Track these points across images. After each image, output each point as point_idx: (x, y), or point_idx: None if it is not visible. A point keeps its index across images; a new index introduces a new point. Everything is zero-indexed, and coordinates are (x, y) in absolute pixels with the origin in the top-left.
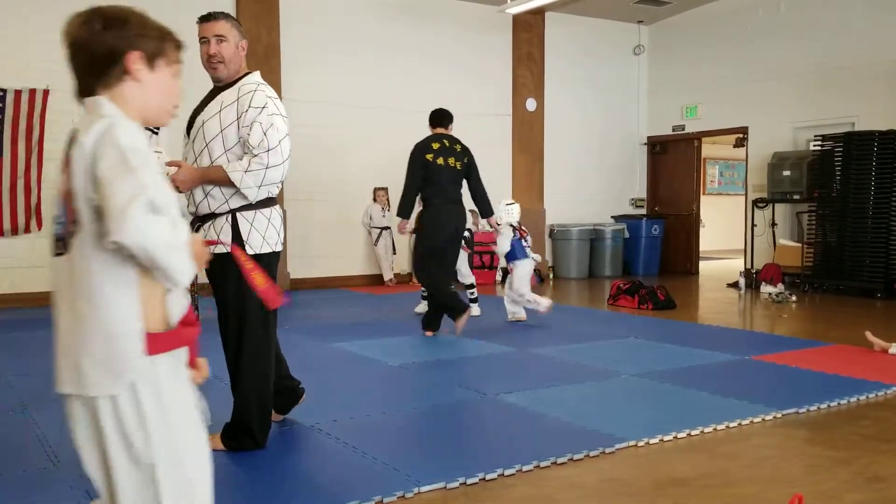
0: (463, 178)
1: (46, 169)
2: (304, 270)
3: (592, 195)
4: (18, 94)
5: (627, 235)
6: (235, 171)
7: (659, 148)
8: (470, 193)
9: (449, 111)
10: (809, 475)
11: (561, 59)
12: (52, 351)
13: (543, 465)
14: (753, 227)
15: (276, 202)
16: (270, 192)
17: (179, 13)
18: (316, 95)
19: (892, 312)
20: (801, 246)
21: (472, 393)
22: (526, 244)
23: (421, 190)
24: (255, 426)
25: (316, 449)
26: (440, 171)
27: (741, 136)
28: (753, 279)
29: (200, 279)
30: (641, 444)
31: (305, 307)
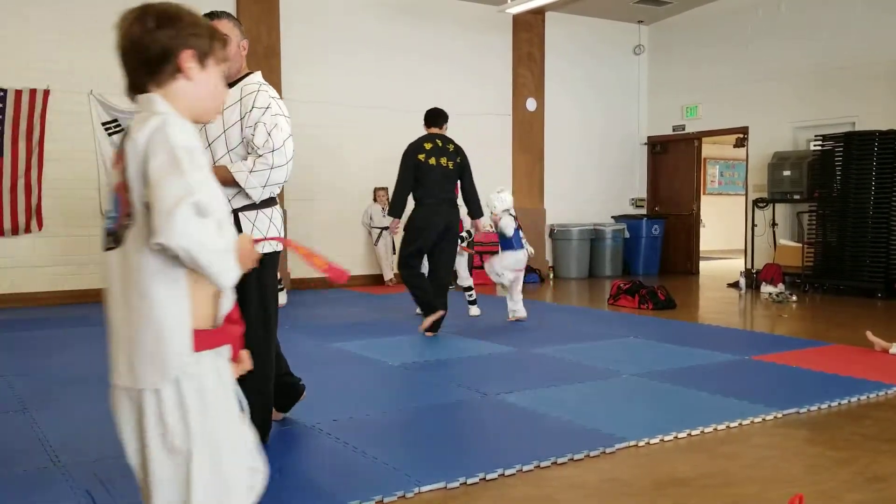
0: (456, 177)
1: (47, 169)
2: (304, 270)
3: (593, 195)
4: (19, 94)
5: (628, 235)
6: (240, 171)
7: (659, 148)
8: (462, 193)
9: (443, 111)
10: (810, 475)
11: (561, 58)
12: (51, 351)
13: (544, 465)
14: (754, 227)
15: (276, 202)
16: (273, 192)
17: None
18: (316, 95)
19: (892, 312)
20: (801, 246)
21: (472, 393)
22: (522, 235)
23: (413, 190)
24: (255, 425)
25: (316, 448)
26: (431, 170)
27: (741, 135)
28: (754, 279)
29: None
30: (642, 444)
31: (305, 307)
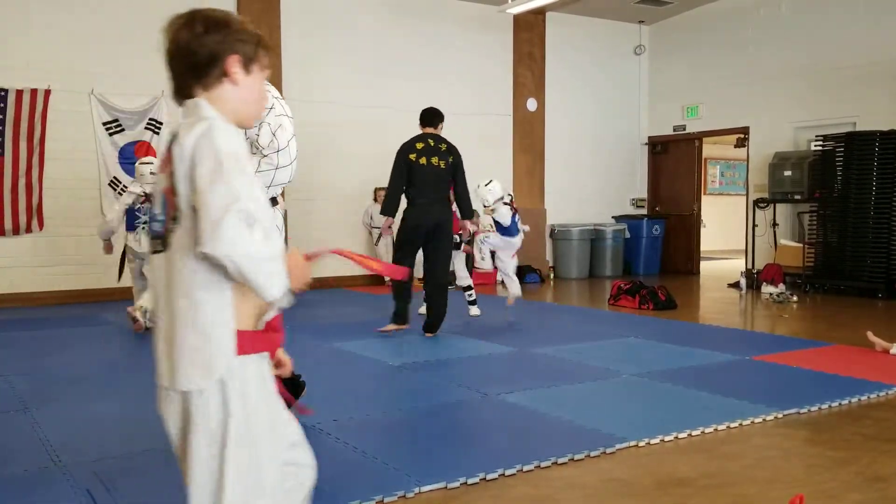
0: (448, 177)
1: (47, 169)
2: None
3: (593, 195)
4: (20, 94)
5: (628, 235)
6: None
7: (660, 148)
8: (454, 193)
9: (438, 110)
10: (810, 475)
11: (562, 59)
12: (51, 351)
13: (544, 465)
14: (754, 227)
15: (278, 202)
16: (277, 192)
17: (179, 12)
18: (316, 95)
19: (893, 312)
20: (802, 246)
21: (472, 393)
22: (518, 219)
23: (406, 189)
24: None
25: (316, 448)
26: (423, 170)
27: (742, 136)
28: (754, 279)
29: None
30: (642, 443)
31: (306, 307)
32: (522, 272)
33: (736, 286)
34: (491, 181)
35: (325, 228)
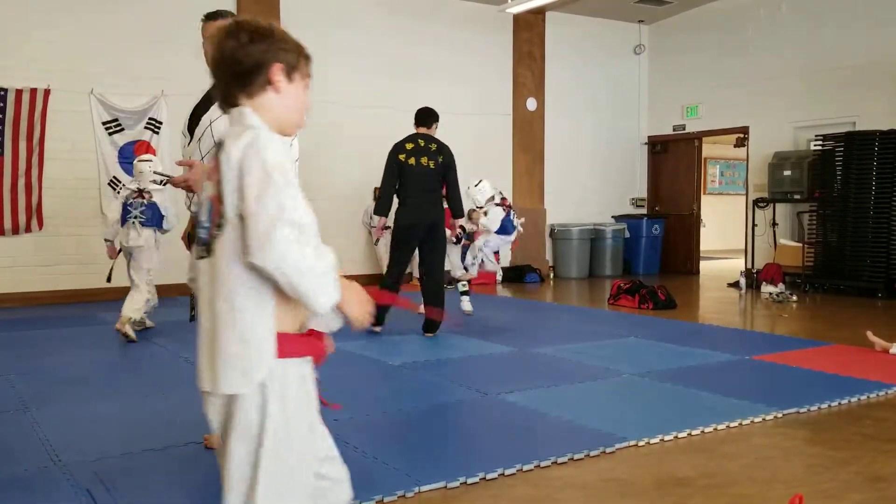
0: (438, 176)
1: (47, 168)
2: None
3: (593, 195)
4: (19, 93)
5: (628, 235)
6: None
7: (659, 147)
8: (445, 193)
9: (432, 110)
10: (810, 475)
11: (561, 58)
12: (51, 351)
13: (544, 464)
14: (754, 226)
15: None
16: None
17: (180, 11)
18: (316, 95)
19: (892, 312)
20: (801, 246)
21: (472, 393)
22: (513, 215)
23: (398, 190)
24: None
25: None
26: (412, 171)
27: (742, 135)
28: (754, 279)
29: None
30: (642, 443)
31: None
32: (522, 272)
33: (735, 286)
34: (480, 181)
35: (324, 228)
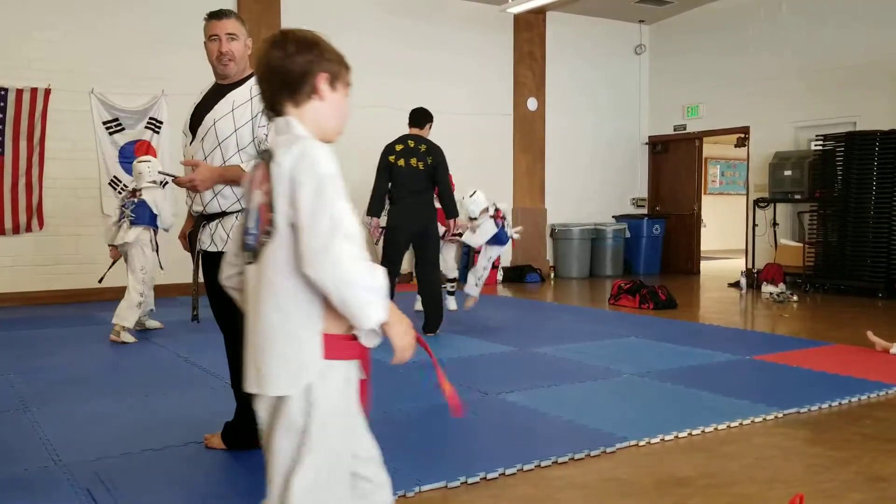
0: (427, 177)
1: (47, 168)
2: None
3: (593, 195)
4: (20, 93)
5: (628, 235)
6: None
7: (660, 147)
8: (437, 194)
9: (426, 111)
10: (810, 475)
11: (562, 58)
12: (52, 350)
13: (544, 464)
14: (755, 226)
15: None
16: None
17: (180, 10)
18: None
19: (893, 312)
20: (802, 246)
21: (472, 392)
22: (507, 226)
23: (388, 191)
24: (257, 425)
25: None
26: (401, 172)
27: (742, 135)
28: (755, 279)
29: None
30: (642, 443)
31: None
32: (523, 272)
33: (736, 286)
34: (475, 192)
35: None
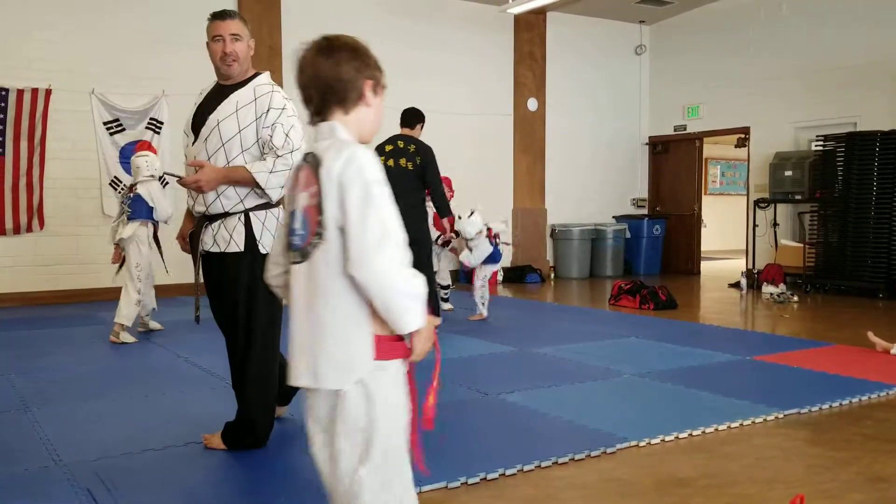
0: (417, 178)
1: (48, 168)
2: None
3: (594, 195)
4: (21, 93)
5: (629, 235)
6: (261, 171)
7: (660, 148)
8: (429, 194)
9: (417, 111)
10: (811, 475)
11: (562, 58)
12: (52, 350)
13: (545, 464)
14: (755, 227)
15: (282, 202)
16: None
17: (180, 11)
18: None
19: (893, 313)
20: (802, 246)
21: (472, 393)
22: (500, 244)
23: None
24: (258, 425)
25: None
26: (390, 172)
27: (743, 136)
28: (755, 279)
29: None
30: (643, 443)
31: None
32: (523, 272)
33: (736, 286)
34: (472, 213)
35: None
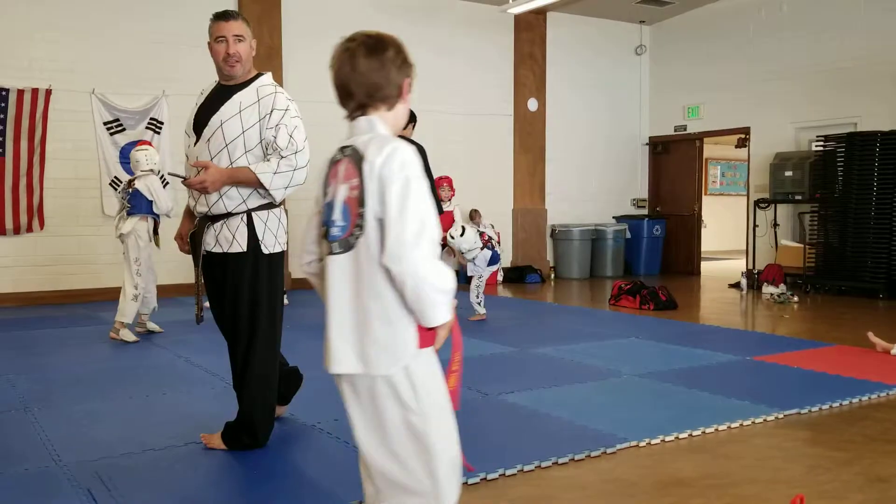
0: None
1: (48, 168)
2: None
3: (594, 195)
4: (21, 93)
5: (629, 236)
6: (265, 172)
7: (661, 148)
8: None
9: (409, 111)
10: (811, 476)
11: (563, 58)
12: (52, 350)
13: (545, 465)
14: (755, 227)
15: (283, 203)
16: (289, 193)
17: (181, 11)
18: (318, 95)
19: (894, 313)
20: (803, 246)
21: (472, 393)
22: (496, 245)
23: None
24: (258, 425)
25: (317, 448)
26: None
27: (743, 136)
28: (755, 280)
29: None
30: (643, 444)
31: (306, 307)
32: (523, 272)
33: (737, 286)
34: (463, 231)
35: None
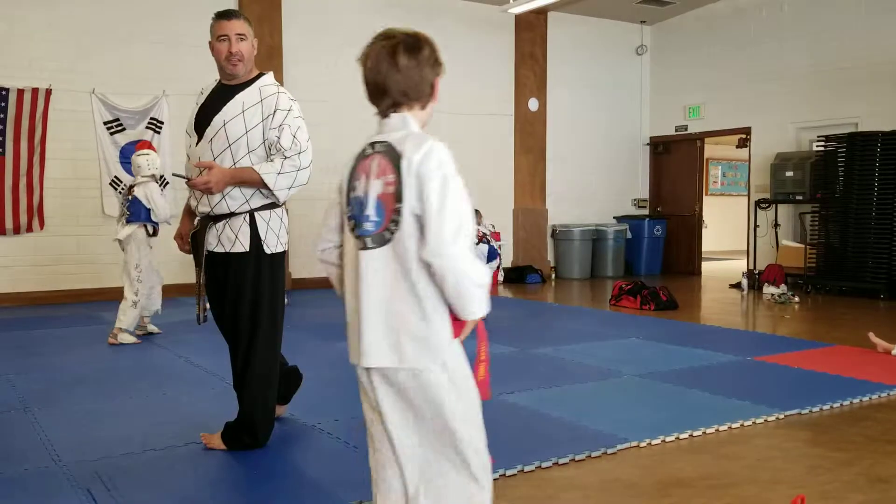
0: None
1: (48, 168)
2: (305, 270)
3: (595, 195)
4: (21, 93)
5: (630, 236)
6: (269, 173)
7: (661, 148)
8: None
9: None
10: (812, 476)
11: (563, 59)
12: (52, 350)
13: (545, 465)
14: (756, 227)
15: (285, 203)
16: (293, 193)
17: (181, 10)
18: (318, 95)
19: (894, 313)
20: (803, 247)
21: None
22: (497, 243)
23: None
24: (259, 425)
25: (317, 448)
26: None
27: (744, 136)
28: (756, 280)
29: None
30: (644, 444)
31: (307, 307)
32: (524, 272)
33: (737, 287)
34: None
35: None
